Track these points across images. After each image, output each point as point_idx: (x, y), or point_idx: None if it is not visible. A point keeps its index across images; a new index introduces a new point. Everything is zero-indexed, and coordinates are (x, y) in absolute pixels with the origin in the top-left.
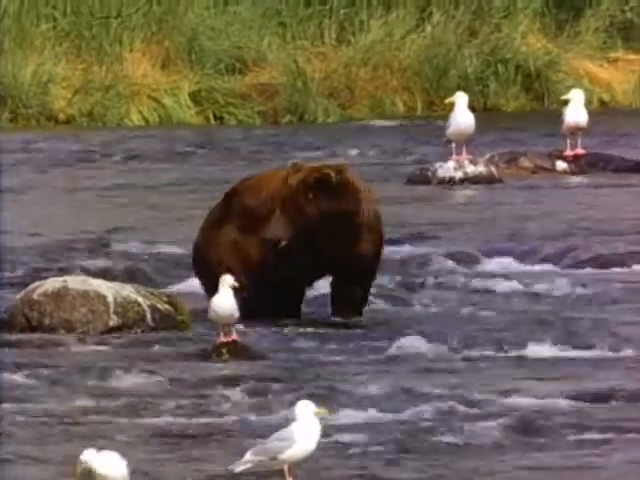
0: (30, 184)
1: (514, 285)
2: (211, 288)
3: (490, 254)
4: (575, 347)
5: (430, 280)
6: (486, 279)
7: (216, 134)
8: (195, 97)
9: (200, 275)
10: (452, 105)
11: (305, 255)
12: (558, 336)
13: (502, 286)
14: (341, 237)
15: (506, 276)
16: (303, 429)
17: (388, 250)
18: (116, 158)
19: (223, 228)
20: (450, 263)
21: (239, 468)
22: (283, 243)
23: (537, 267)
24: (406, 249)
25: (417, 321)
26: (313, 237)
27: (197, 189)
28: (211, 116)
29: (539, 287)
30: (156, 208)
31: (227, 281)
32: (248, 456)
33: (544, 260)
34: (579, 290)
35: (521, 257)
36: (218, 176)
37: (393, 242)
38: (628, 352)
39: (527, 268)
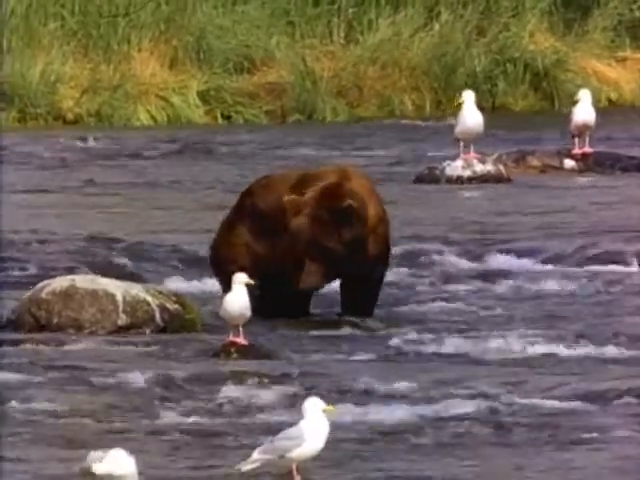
0: (37, 183)
1: (521, 283)
2: (226, 287)
3: (499, 253)
4: (577, 346)
5: (438, 279)
6: (494, 278)
7: (224, 133)
8: (203, 96)
9: (216, 274)
10: (460, 104)
11: (328, 276)
12: (561, 335)
13: (509, 284)
14: (352, 249)
15: (513, 275)
16: (311, 427)
17: (396, 249)
18: (124, 157)
19: (236, 228)
20: (458, 262)
21: (247, 467)
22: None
23: (545, 266)
24: (414, 248)
25: (425, 320)
26: (336, 263)
27: (205, 188)
28: (219, 115)
29: (546, 285)
30: (164, 207)
31: (240, 279)
32: (256, 455)
33: (552, 258)
34: (587, 288)
35: (529, 255)
36: (226, 175)
37: (401, 241)
38: (629, 351)
39: (535, 267)
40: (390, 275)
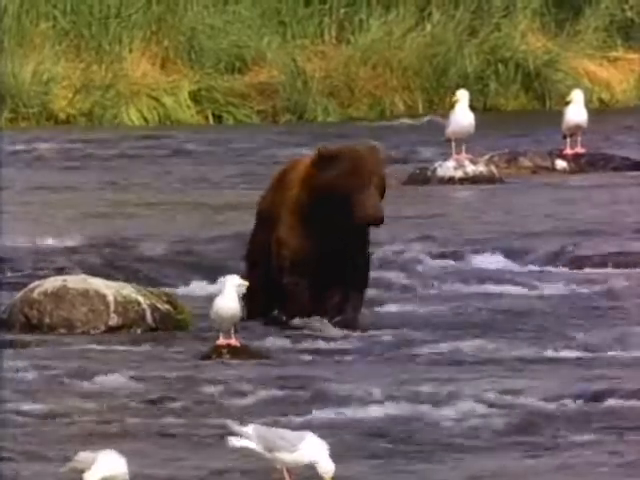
0: (30, 184)
1: (513, 285)
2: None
3: (490, 254)
4: (574, 347)
5: (429, 280)
6: (485, 279)
7: (215, 133)
8: (195, 96)
9: None
10: (455, 103)
11: None
12: (557, 335)
13: (501, 286)
14: None
15: (506, 276)
16: (310, 443)
17: (387, 250)
18: (115, 157)
19: (255, 225)
20: (449, 263)
21: (238, 443)
22: None
23: (537, 267)
24: (405, 249)
25: (417, 321)
26: None
27: (197, 188)
28: (210, 115)
29: (539, 287)
30: (156, 207)
31: (231, 281)
32: (251, 431)
33: (544, 260)
34: (578, 289)
35: (521, 257)
36: (217, 176)
37: (392, 242)
38: (626, 351)
39: (527, 268)
40: (379, 275)
